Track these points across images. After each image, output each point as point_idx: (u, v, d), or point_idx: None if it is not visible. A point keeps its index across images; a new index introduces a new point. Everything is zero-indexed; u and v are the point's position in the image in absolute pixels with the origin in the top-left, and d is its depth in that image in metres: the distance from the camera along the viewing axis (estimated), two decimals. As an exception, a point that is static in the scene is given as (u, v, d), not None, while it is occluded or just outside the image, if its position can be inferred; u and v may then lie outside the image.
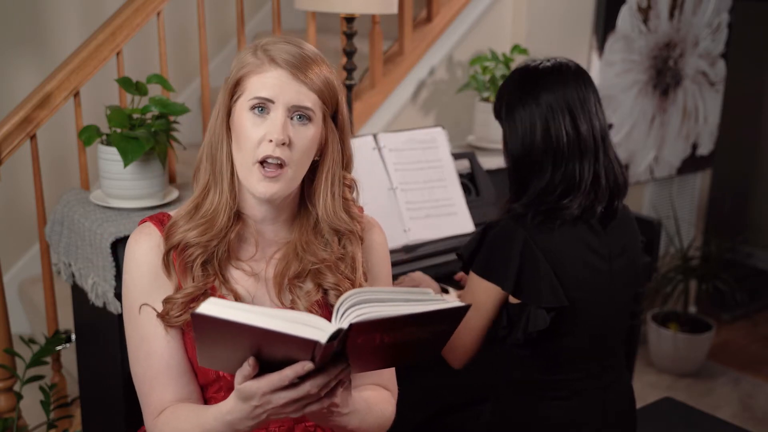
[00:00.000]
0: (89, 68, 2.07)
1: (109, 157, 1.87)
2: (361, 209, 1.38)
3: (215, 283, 1.25)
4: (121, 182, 1.89)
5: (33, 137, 2.06)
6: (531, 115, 1.58)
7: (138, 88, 1.94)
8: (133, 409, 1.85)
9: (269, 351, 1.02)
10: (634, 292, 1.75)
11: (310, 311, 1.26)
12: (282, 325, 0.98)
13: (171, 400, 1.25)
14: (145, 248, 1.26)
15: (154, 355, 1.25)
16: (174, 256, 1.25)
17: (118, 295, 1.77)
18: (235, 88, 1.24)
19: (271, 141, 1.19)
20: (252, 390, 1.04)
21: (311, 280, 1.29)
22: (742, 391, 3.41)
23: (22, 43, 2.91)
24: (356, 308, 1.02)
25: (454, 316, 1.06)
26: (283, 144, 1.19)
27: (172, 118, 1.96)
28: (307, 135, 1.22)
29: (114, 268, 1.77)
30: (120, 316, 1.79)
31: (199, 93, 3.16)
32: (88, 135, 1.92)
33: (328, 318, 1.25)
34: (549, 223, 1.57)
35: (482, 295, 1.61)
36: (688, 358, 3.50)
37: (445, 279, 2.06)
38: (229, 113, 1.25)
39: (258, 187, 1.21)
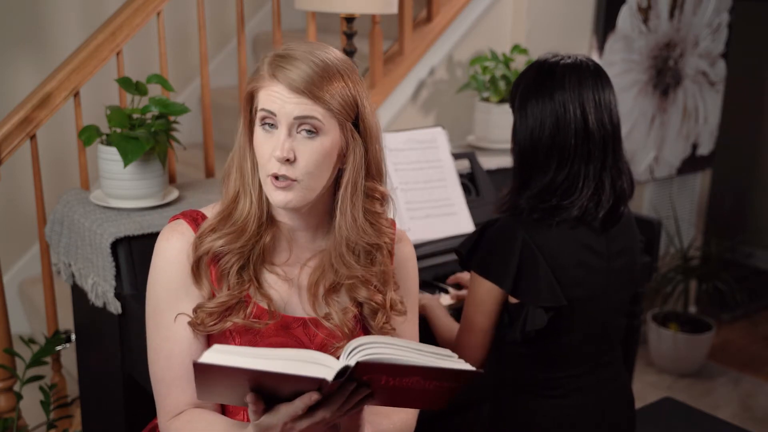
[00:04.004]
0: (89, 68, 2.07)
1: (109, 157, 1.87)
2: (393, 223, 1.36)
3: (250, 290, 1.24)
4: (121, 182, 1.88)
5: (33, 137, 2.06)
6: (543, 109, 1.57)
7: (138, 88, 1.94)
8: (133, 409, 1.86)
9: (276, 388, 1.03)
10: (631, 291, 1.75)
11: (346, 325, 1.26)
12: (289, 366, 0.98)
13: (187, 403, 1.24)
14: (177, 247, 1.24)
15: (176, 357, 1.24)
16: (210, 263, 1.24)
17: (118, 295, 1.77)
18: (250, 102, 1.24)
19: (275, 158, 1.18)
20: (272, 423, 1.05)
21: (346, 293, 1.29)
22: (742, 391, 3.41)
23: (22, 43, 2.91)
24: (366, 347, 1.02)
25: (462, 376, 1.05)
26: (287, 160, 1.17)
27: (172, 118, 1.96)
28: (315, 148, 1.18)
29: (114, 268, 1.77)
30: (120, 316, 1.79)
31: (199, 93, 3.16)
32: (88, 135, 1.92)
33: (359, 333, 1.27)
34: (547, 220, 1.57)
35: (484, 294, 1.61)
36: (688, 358, 3.50)
37: (445, 279, 2.06)
38: (251, 123, 1.24)
39: (273, 196, 1.21)
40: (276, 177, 1.19)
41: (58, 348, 2.12)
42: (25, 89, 2.45)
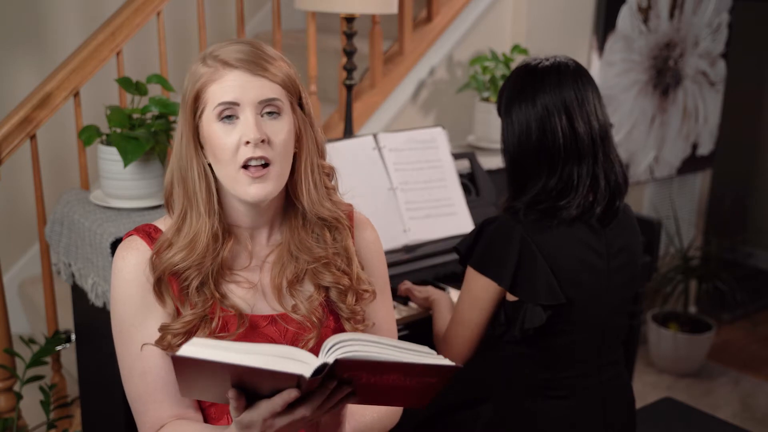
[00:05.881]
0: (89, 68, 2.07)
1: (109, 157, 1.87)
2: (350, 206, 1.36)
3: (214, 302, 1.22)
4: (121, 182, 1.89)
5: (33, 137, 2.06)
6: (527, 115, 1.58)
7: (138, 88, 1.94)
8: (133, 409, 1.86)
9: (256, 384, 1.03)
10: (633, 291, 1.74)
11: (314, 314, 1.25)
12: (266, 361, 0.98)
13: (168, 416, 1.23)
14: (134, 264, 1.22)
15: (149, 372, 1.22)
16: (170, 280, 1.22)
17: (118, 295, 1.77)
18: (195, 104, 1.19)
19: (248, 143, 1.15)
20: (252, 419, 1.04)
21: (310, 280, 1.28)
22: (742, 391, 3.41)
23: (22, 43, 2.91)
24: (345, 345, 1.02)
25: (442, 372, 1.05)
26: (262, 142, 1.16)
27: (172, 118, 1.96)
28: (282, 128, 1.19)
29: (114, 268, 1.77)
30: (120, 316, 1.79)
31: (199, 93, 3.16)
32: (88, 135, 1.92)
33: (333, 321, 1.25)
34: (546, 221, 1.57)
35: (479, 290, 1.61)
36: (688, 358, 3.50)
37: (445, 279, 2.06)
38: (195, 131, 1.21)
39: (249, 191, 1.18)
40: (246, 167, 1.17)
41: (58, 348, 2.12)
42: (25, 89, 2.45)
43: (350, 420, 1.23)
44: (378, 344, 1.04)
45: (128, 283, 1.23)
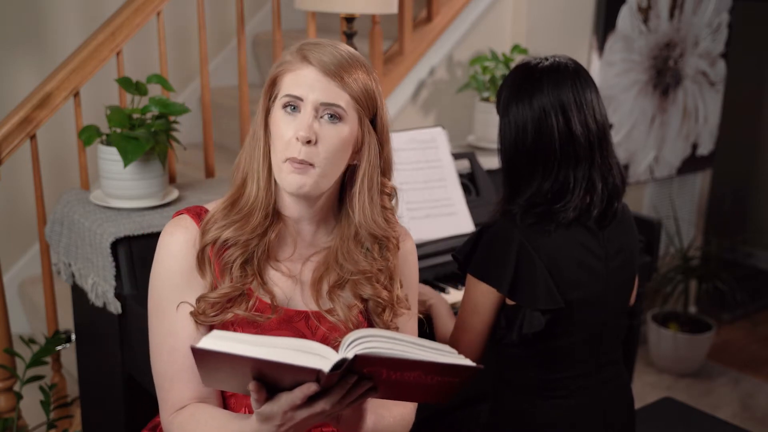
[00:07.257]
0: (89, 68, 2.07)
1: (109, 157, 1.87)
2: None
3: (253, 284, 1.25)
4: (121, 182, 1.89)
5: (33, 137, 2.06)
6: (524, 114, 1.57)
7: (138, 88, 1.94)
8: (133, 409, 1.86)
9: (277, 377, 1.03)
10: (631, 292, 1.74)
11: (351, 320, 1.27)
12: (286, 354, 0.98)
13: (191, 397, 1.25)
14: (181, 241, 1.25)
15: (178, 351, 1.24)
16: (212, 254, 1.25)
17: (119, 295, 1.77)
18: (272, 88, 1.25)
19: (297, 139, 1.19)
20: (273, 411, 1.05)
21: (350, 289, 1.30)
22: (742, 391, 3.41)
23: (22, 43, 2.91)
24: (364, 341, 1.02)
25: (463, 372, 1.05)
26: (308, 142, 1.19)
27: (172, 118, 1.96)
28: (337, 134, 1.21)
29: (114, 268, 1.77)
30: (120, 316, 1.79)
31: (199, 93, 3.16)
32: (88, 135, 1.92)
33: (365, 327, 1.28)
34: (545, 225, 1.56)
35: (480, 297, 1.60)
36: (688, 358, 3.50)
37: (445, 279, 2.06)
38: (267, 112, 1.26)
39: (287, 179, 1.21)
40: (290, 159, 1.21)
41: (58, 348, 2.12)
42: (25, 89, 2.45)
43: (370, 416, 1.23)
44: (398, 341, 1.04)
45: (172, 259, 1.25)
